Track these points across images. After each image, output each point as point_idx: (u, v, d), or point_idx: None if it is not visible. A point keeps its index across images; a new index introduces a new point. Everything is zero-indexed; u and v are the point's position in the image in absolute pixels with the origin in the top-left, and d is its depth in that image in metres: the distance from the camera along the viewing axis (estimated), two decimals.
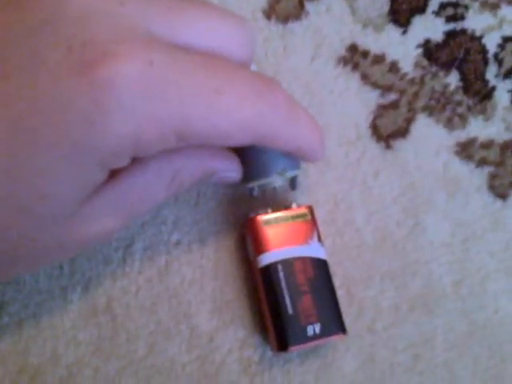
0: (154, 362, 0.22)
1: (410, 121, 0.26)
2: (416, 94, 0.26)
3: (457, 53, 0.27)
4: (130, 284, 0.22)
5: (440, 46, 0.27)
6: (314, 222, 0.22)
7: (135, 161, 0.17)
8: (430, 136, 0.26)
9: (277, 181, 0.21)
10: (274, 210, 0.21)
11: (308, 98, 0.25)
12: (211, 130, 0.16)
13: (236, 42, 0.17)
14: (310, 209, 0.22)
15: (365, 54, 0.26)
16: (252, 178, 0.21)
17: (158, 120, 0.15)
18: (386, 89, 0.26)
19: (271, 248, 0.21)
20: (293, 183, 0.22)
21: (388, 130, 0.26)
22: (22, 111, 0.14)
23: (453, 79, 0.27)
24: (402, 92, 0.26)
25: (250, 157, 0.20)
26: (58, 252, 0.18)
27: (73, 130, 0.14)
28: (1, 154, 0.14)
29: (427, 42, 0.27)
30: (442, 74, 0.27)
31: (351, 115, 0.25)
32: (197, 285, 0.23)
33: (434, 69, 0.27)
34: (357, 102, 0.26)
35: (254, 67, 0.21)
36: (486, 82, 0.27)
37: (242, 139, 0.17)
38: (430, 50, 0.27)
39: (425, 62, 0.27)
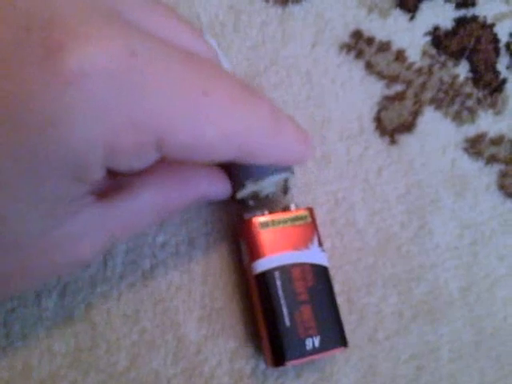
0: (137, 375, 0.20)
1: (416, 114, 0.24)
2: (423, 86, 0.24)
3: (467, 42, 0.25)
4: (111, 290, 0.20)
5: (449, 34, 0.25)
6: (314, 224, 0.20)
7: (123, 185, 0.16)
8: (437, 131, 0.24)
9: (267, 187, 0.20)
10: (271, 211, 0.20)
11: (308, 88, 0.23)
12: (195, 140, 0.14)
13: (204, 45, 0.16)
14: (311, 211, 0.20)
15: (369, 40, 0.24)
16: (239, 186, 0.19)
17: (135, 123, 0.12)
18: (391, 79, 0.24)
19: (267, 253, 0.19)
20: (284, 187, 0.20)
21: (393, 124, 0.24)
22: None
23: (462, 70, 0.25)
24: (409, 83, 0.24)
25: (234, 166, 0.19)
26: (22, 281, 0.15)
27: (30, 135, 0.11)
28: None
29: (436, 29, 0.25)
30: (450, 64, 0.25)
31: (354, 107, 0.24)
32: (184, 290, 0.21)
33: (442, 58, 0.25)
34: (360, 93, 0.24)
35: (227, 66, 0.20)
36: (497, 73, 0.25)
37: (225, 153, 0.15)
38: (438, 38, 0.25)
39: (433, 51, 0.25)
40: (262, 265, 0.19)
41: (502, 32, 0.25)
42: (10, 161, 0.12)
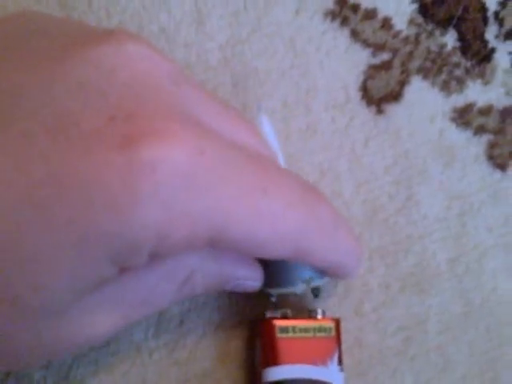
0: (117, 348, 0.19)
1: (403, 83, 0.24)
2: (410, 54, 0.24)
3: (454, 10, 0.25)
4: None
5: (436, 2, 0.24)
6: (338, 339, 0.19)
7: None
8: (424, 100, 0.24)
9: (299, 288, 0.19)
10: (295, 314, 0.19)
11: (292, 56, 0.23)
12: (250, 237, 0.14)
13: (265, 147, 0.17)
14: (337, 323, 0.19)
15: (355, 7, 0.24)
16: (274, 285, 0.19)
17: (194, 217, 0.13)
18: (377, 48, 0.24)
19: (282, 362, 0.18)
20: (316, 291, 0.20)
21: (379, 94, 0.23)
22: (36, 179, 0.12)
23: (450, 39, 0.24)
24: (395, 51, 0.24)
25: (273, 262, 0.18)
26: (37, 354, 0.15)
27: (93, 213, 0.12)
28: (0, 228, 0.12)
29: None
30: (438, 32, 0.24)
31: (339, 76, 0.23)
32: None
33: (429, 27, 0.24)
34: (345, 62, 0.23)
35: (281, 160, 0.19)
36: (485, 42, 0.25)
37: (280, 252, 0.15)
38: (425, 6, 0.24)
39: (420, 19, 0.24)
40: (273, 374, 0.18)
41: (490, 0, 0.25)
42: (63, 233, 0.12)
